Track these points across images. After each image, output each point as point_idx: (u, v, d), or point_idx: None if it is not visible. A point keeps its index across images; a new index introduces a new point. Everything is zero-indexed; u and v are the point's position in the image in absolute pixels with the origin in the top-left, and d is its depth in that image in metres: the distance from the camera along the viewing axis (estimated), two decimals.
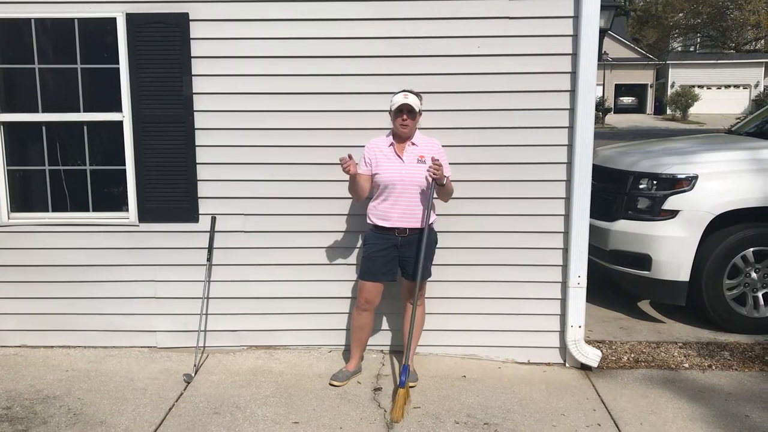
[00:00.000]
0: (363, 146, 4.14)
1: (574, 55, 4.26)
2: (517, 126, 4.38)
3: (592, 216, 4.49)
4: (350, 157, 3.88)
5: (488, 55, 4.32)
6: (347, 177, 3.96)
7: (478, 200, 4.46)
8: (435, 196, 4.12)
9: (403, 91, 4.00)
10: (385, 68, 4.35)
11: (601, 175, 5.63)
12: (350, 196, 4.25)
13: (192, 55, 4.37)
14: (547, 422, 3.77)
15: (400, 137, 4.06)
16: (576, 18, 4.22)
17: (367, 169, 4.08)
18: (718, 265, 5.15)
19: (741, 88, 43.90)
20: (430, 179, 3.94)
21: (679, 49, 39.81)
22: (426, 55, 4.33)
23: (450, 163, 4.15)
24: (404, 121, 3.98)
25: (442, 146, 4.14)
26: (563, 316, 4.52)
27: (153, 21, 4.34)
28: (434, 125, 4.33)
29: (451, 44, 4.32)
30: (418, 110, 3.99)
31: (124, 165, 4.52)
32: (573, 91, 4.30)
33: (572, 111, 4.32)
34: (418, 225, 4.05)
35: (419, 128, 4.15)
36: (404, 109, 3.95)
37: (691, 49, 40.37)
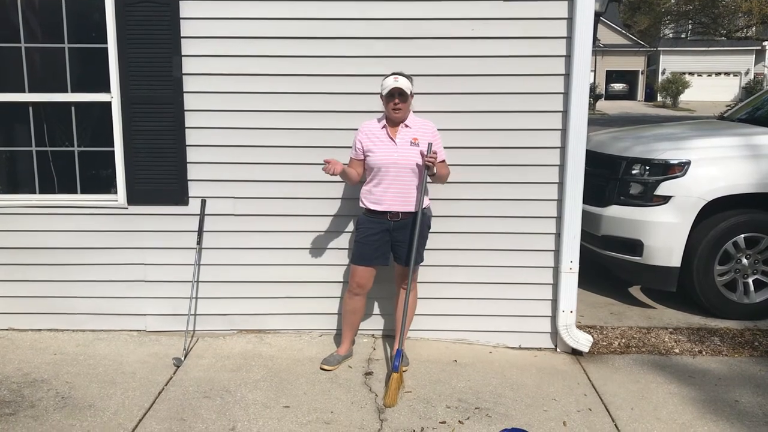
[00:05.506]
0: (354, 129, 4.10)
1: (569, 39, 4.23)
2: (511, 110, 4.35)
3: (584, 201, 4.48)
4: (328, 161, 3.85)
5: (482, 38, 4.28)
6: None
7: (471, 184, 4.43)
8: (429, 180, 4.10)
9: (394, 74, 3.94)
10: (379, 50, 4.30)
11: (593, 160, 5.60)
12: (342, 180, 4.21)
13: (182, 35, 4.30)
14: (538, 407, 3.78)
15: (393, 120, 4.01)
16: (571, 1, 4.18)
17: (356, 154, 4.04)
18: (709, 251, 5.16)
19: (731, 75, 44.03)
20: (423, 165, 3.93)
21: (671, 35, 39.76)
22: (420, 37, 4.28)
23: (443, 147, 4.11)
24: (396, 105, 3.92)
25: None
26: (555, 301, 4.52)
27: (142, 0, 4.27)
28: (427, 108, 4.29)
29: (446, 26, 4.27)
30: (409, 93, 3.94)
31: (113, 146, 4.46)
32: (567, 75, 4.27)
33: (566, 95, 4.29)
34: (411, 209, 4.01)
35: (413, 111, 4.11)
36: (395, 93, 3.90)
37: (683, 36, 40.33)
